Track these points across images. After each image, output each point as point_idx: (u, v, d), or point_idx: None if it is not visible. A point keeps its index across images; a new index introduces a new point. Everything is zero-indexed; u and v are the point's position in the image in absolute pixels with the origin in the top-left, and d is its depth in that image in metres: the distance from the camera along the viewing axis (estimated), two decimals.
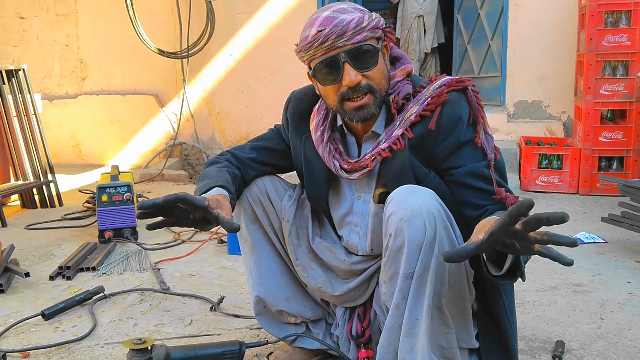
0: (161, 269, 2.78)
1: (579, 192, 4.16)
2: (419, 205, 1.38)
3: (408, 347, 1.44)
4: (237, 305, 2.33)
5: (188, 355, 1.79)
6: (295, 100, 1.74)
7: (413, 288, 1.40)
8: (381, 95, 1.50)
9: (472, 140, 1.49)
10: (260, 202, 1.74)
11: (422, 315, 1.41)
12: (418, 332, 1.42)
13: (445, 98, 1.48)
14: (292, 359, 1.84)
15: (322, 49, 1.44)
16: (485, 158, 1.49)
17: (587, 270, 2.65)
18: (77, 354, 1.95)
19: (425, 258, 1.38)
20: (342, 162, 1.59)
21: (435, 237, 1.37)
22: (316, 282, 1.73)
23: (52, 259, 2.96)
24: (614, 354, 1.88)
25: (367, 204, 1.63)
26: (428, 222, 1.36)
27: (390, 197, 1.45)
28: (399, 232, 1.39)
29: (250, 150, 1.77)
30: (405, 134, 1.50)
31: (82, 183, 4.94)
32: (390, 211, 1.42)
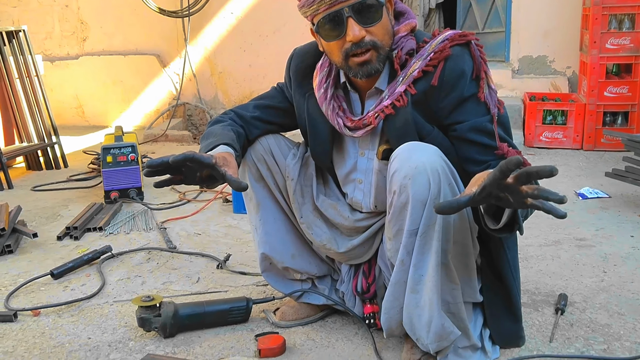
0: (167, 228, 2.81)
1: (583, 148, 4.15)
2: (423, 162, 1.38)
3: (414, 303, 1.46)
4: (244, 263, 2.36)
5: (196, 312, 1.83)
6: (298, 58, 1.72)
7: (418, 244, 1.42)
8: (385, 51, 1.49)
9: (475, 95, 1.48)
10: (265, 160, 1.74)
11: (428, 272, 1.42)
12: (423, 288, 1.44)
13: (448, 53, 1.47)
14: (299, 314, 1.87)
15: (325, 3, 1.43)
16: (488, 113, 1.48)
17: (591, 225, 2.66)
18: (86, 312, 1.98)
19: (429, 214, 1.39)
20: (346, 120, 1.59)
21: (439, 193, 1.37)
22: (321, 239, 1.75)
23: (59, 220, 2.99)
24: (617, 306, 1.91)
25: (371, 161, 1.63)
26: (432, 179, 1.37)
27: (394, 154, 1.45)
28: (403, 189, 1.40)
29: (253, 109, 1.76)
30: (408, 90, 1.49)
31: (87, 144, 4.94)
32: (394, 168, 1.43)
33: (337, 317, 1.89)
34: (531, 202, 1.12)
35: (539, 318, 1.84)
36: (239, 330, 1.83)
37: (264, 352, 1.66)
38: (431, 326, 1.45)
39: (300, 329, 1.83)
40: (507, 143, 1.49)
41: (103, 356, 1.70)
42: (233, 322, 1.85)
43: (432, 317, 1.44)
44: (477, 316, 1.63)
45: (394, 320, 1.54)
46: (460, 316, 1.50)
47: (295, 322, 1.85)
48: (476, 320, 1.62)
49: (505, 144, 1.48)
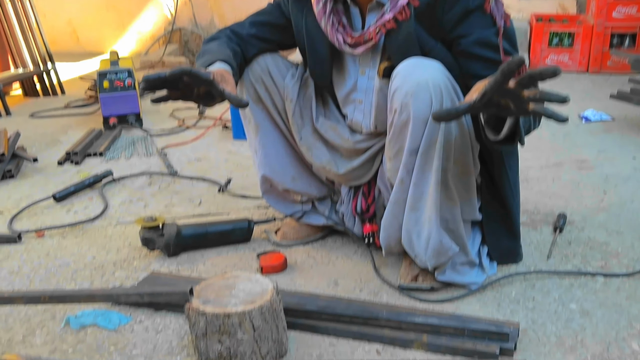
0: (167, 153, 2.80)
1: (588, 71, 4.08)
2: (425, 79, 1.35)
3: (413, 221, 1.47)
4: (244, 187, 2.37)
5: (199, 232, 1.84)
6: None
7: (418, 163, 1.41)
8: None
9: (482, 6, 1.42)
10: (263, 81, 1.70)
11: (428, 190, 1.42)
12: (423, 206, 1.45)
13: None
14: (299, 234, 1.89)
15: None
16: (494, 25, 1.43)
17: (593, 147, 2.65)
18: (90, 233, 2.00)
19: (430, 133, 1.37)
20: (346, 36, 1.53)
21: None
22: (321, 161, 1.74)
23: (59, 146, 2.98)
24: (615, 225, 1.92)
25: (372, 79, 1.60)
26: (434, 96, 1.34)
27: (395, 71, 1.42)
28: (404, 107, 1.38)
29: (250, 26, 1.71)
30: (411, 2, 1.43)
31: (82, 71, 4.87)
32: (395, 86, 1.40)
33: (337, 237, 1.91)
34: (533, 108, 1.10)
35: (537, 236, 1.86)
36: (241, 250, 1.85)
37: (266, 269, 1.68)
38: (429, 243, 1.47)
39: (301, 248, 1.85)
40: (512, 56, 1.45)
41: (109, 274, 1.73)
42: (235, 242, 1.87)
43: (430, 233, 1.45)
44: (476, 234, 1.64)
45: (392, 239, 1.55)
46: (459, 233, 1.51)
47: (295, 241, 1.87)
48: (474, 237, 1.63)
49: (510, 56, 1.44)
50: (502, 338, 1.32)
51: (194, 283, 1.35)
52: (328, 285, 1.63)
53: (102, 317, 1.47)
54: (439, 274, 1.56)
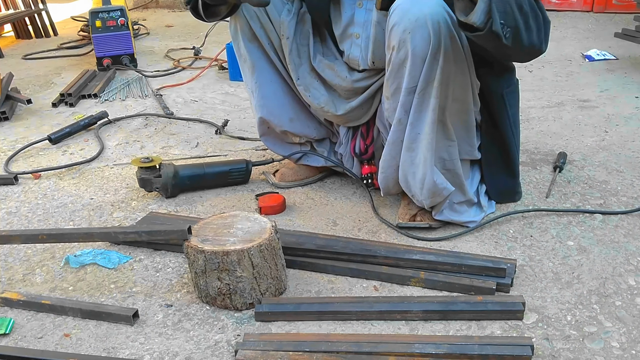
0: (163, 95, 2.76)
1: (593, 10, 3.99)
2: (425, 14, 1.30)
3: (409, 161, 1.46)
4: (242, 129, 2.34)
5: (196, 173, 1.83)
6: None
7: (415, 102, 1.38)
8: None
9: None
10: (258, 17, 1.65)
11: (424, 129, 1.40)
12: (419, 146, 1.43)
13: None
14: (297, 175, 1.88)
15: None
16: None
17: (596, 87, 2.61)
18: (87, 174, 1.99)
19: (428, 71, 1.34)
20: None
21: (440, 47, 1.31)
22: (319, 101, 1.71)
23: (53, 87, 2.93)
24: (615, 164, 1.91)
25: (370, 12, 1.55)
26: (433, 32, 1.30)
27: (394, 6, 1.36)
28: (402, 44, 1.34)
29: None
30: None
31: (75, 12, 4.75)
32: (393, 22, 1.35)
33: (336, 178, 1.90)
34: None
35: (536, 175, 1.85)
36: (240, 191, 1.84)
37: (265, 209, 1.68)
38: (424, 183, 1.46)
39: (300, 189, 1.84)
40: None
41: (107, 214, 1.73)
42: (233, 184, 1.86)
43: (425, 173, 1.44)
44: (475, 173, 1.63)
45: (390, 179, 1.54)
46: (456, 172, 1.50)
47: (294, 182, 1.86)
48: (473, 176, 1.62)
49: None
50: (499, 274, 1.32)
51: (192, 222, 1.35)
52: (327, 225, 1.63)
53: (102, 256, 1.47)
54: (436, 213, 1.56)
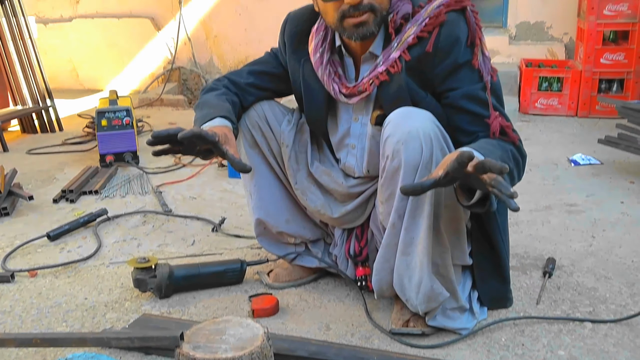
0: (163, 192, 2.83)
1: (577, 115, 4.15)
2: (416, 127, 1.40)
3: (404, 265, 1.50)
4: (238, 226, 2.39)
5: (191, 273, 1.86)
6: (293, 22, 1.71)
7: (409, 208, 1.44)
8: (382, 14, 1.49)
9: (470, 61, 1.49)
10: (259, 127, 1.75)
11: (419, 235, 1.45)
12: (414, 251, 1.47)
13: (443, 19, 1.47)
14: (292, 276, 1.90)
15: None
16: (481, 80, 1.49)
17: (582, 191, 2.69)
18: (83, 273, 2.01)
19: (421, 179, 1.40)
20: (341, 86, 1.59)
21: (431, 158, 1.40)
22: (315, 205, 1.77)
23: (55, 183, 3.00)
24: (604, 270, 1.95)
25: (365, 126, 1.64)
26: (424, 144, 1.39)
27: (387, 119, 1.47)
28: (396, 154, 1.42)
29: (247, 75, 1.76)
30: (402, 56, 1.49)
31: (81, 108, 4.91)
32: (387, 133, 1.44)
33: (330, 280, 1.92)
34: (492, 190, 1.20)
35: (527, 281, 1.88)
36: (233, 292, 1.86)
37: (258, 312, 1.69)
38: (421, 287, 1.49)
39: (293, 290, 1.86)
40: (499, 112, 1.50)
41: (100, 316, 1.74)
42: (227, 284, 1.89)
43: (421, 278, 1.48)
44: (466, 278, 1.66)
45: (384, 282, 1.57)
46: (449, 278, 1.54)
47: (288, 283, 1.89)
48: (465, 282, 1.66)
49: (497, 112, 1.49)
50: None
51: (184, 327, 1.37)
52: (320, 329, 1.64)
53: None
54: (430, 319, 1.58)
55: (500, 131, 1.48)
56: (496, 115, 1.49)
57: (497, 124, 1.48)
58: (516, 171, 1.48)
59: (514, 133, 1.50)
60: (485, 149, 1.36)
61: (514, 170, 1.45)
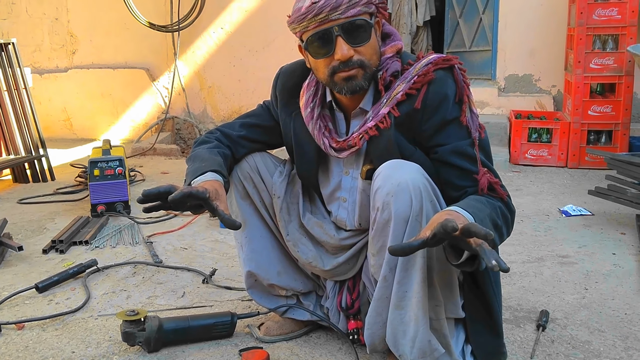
0: (154, 242, 2.81)
1: (567, 166, 4.20)
2: (406, 180, 1.41)
3: (398, 319, 1.48)
4: (229, 278, 2.37)
5: (180, 326, 1.83)
6: (285, 76, 1.74)
7: (401, 261, 1.44)
8: (371, 70, 1.52)
9: (458, 118, 1.51)
10: (251, 178, 1.76)
11: (412, 288, 1.44)
12: (408, 305, 1.46)
13: (431, 77, 1.50)
14: (283, 329, 1.88)
15: (316, 21, 1.45)
16: (469, 137, 1.51)
17: (573, 242, 2.70)
18: (71, 326, 1.98)
19: (412, 231, 1.41)
20: (331, 141, 1.61)
21: (421, 210, 1.40)
22: (307, 257, 1.77)
23: (45, 233, 2.98)
24: (597, 323, 1.93)
25: (355, 180, 1.66)
26: (414, 196, 1.40)
27: (377, 171, 1.48)
28: (385, 206, 1.43)
29: (240, 127, 1.78)
30: (391, 112, 1.52)
31: (74, 157, 4.94)
32: (377, 185, 1.45)
33: (321, 333, 1.90)
34: (479, 253, 1.21)
35: (520, 334, 1.87)
36: (223, 345, 1.83)
37: None
38: (416, 342, 1.46)
39: (285, 344, 1.84)
40: (487, 168, 1.52)
41: None
42: (217, 337, 1.86)
43: (417, 332, 1.46)
44: (459, 332, 1.64)
45: (377, 336, 1.55)
46: (443, 332, 1.52)
47: (279, 337, 1.86)
48: (458, 336, 1.63)
49: (486, 169, 1.51)
50: None
51: None
52: None
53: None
54: None
55: (488, 187, 1.50)
56: (484, 172, 1.50)
57: (485, 181, 1.49)
58: (505, 228, 1.49)
59: (502, 189, 1.52)
60: (474, 207, 1.37)
61: (502, 227, 1.46)
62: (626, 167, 2.87)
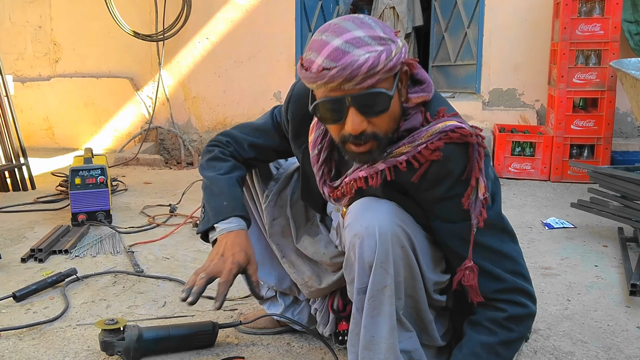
0: (135, 252, 2.77)
1: (550, 179, 4.24)
2: (374, 225, 1.32)
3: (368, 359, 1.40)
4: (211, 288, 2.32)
5: (161, 335, 1.80)
6: (296, 103, 1.56)
7: (367, 307, 1.36)
8: (387, 139, 1.32)
9: (459, 196, 1.32)
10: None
11: (381, 334, 1.37)
12: (378, 349, 1.38)
13: (438, 156, 1.29)
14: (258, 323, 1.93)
15: (327, 88, 1.23)
16: (468, 220, 1.33)
17: (556, 255, 2.71)
18: (48, 335, 1.94)
19: (377, 279, 1.33)
20: (329, 190, 1.50)
21: (387, 257, 1.32)
22: (304, 276, 1.76)
23: (24, 242, 2.93)
24: (580, 334, 1.93)
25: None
26: (380, 243, 1.31)
27: (350, 207, 1.41)
28: (352, 247, 1.36)
29: (249, 148, 1.68)
30: (386, 172, 1.35)
31: (55, 166, 4.87)
32: (347, 222, 1.38)
33: (304, 343, 1.88)
34: None
35: None
36: (204, 355, 1.80)
37: None
38: None
39: (266, 354, 1.81)
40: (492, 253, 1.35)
41: None
42: (198, 347, 1.83)
43: None
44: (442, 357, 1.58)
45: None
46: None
47: (253, 329, 1.93)
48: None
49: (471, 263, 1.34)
50: None
51: None
52: None
53: None
54: None
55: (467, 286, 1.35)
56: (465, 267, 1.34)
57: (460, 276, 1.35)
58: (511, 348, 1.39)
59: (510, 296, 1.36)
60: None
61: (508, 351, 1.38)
62: (608, 180, 2.89)
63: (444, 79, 5.50)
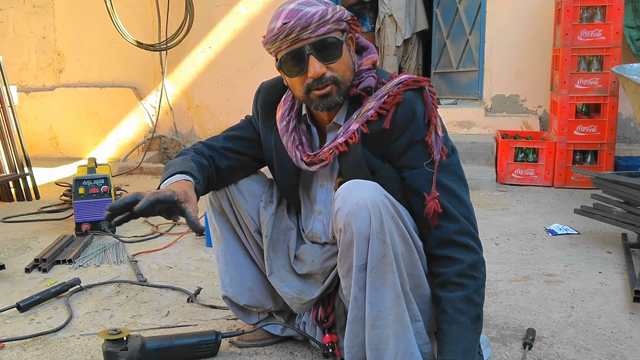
0: (138, 261, 2.78)
1: (553, 185, 4.22)
2: (364, 198, 1.42)
3: (377, 339, 1.46)
4: (214, 297, 2.34)
5: (164, 345, 1.80)
6: (265, 92, 1.77)
7: (369, 280, 1.44)
8: (345, 85, 1.54)
9: (424, 139, 1.52)
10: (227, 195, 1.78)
11: (386, 305, 1.44)
12: (385, 324, 1.45)
13: (400, 99, 1.51)
14: (256, 335, 1.93)
15: (287, 41, 1.48)
16: (431, 158, 1.52)
17: (560, 261, 2.70)
18: (52, 345, 1.94)
19: (375, 249, 1.42)
20: (302, 154, 1.63)
21: (382, 227, 1.41)
22: (292, 292, 1.77)
23: (28, 252, 2.94)
24: (584, 342, 1.93)
25: (330, 192, 1.70)
26: (373, 214, 1.41)
27: (336, 193, 1.49)
28: (347, 227, 1.43)
29: (223, 140, 1.80)
30: (361, 128, 1.54)
31: (59, 176, 4.89)
32: (337, 207, 1.46)
33: (307, 351, 1.88)
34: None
35: (507, 352, 1.85)
36: None
37: None
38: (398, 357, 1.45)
39: None
40: (451, 191, 1.51)
41: None
42: (201, 356, 1.83)
43: (398, 349, 1.44)
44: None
45: (357, 358, 1.53)
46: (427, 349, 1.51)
47: (251, 342, 1.92)
48: None
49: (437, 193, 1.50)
50: None
51: None
52: None
53: None
54: None
55: (433, 215, 1.49)
56: (433, 197, 1.49)
57: (431, 207, 1.48)
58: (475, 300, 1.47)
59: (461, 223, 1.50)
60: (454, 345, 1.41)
61: (476, 307, 1.46)
62: (612, 186, 2.88)
63: (446, 86, 5.51)
